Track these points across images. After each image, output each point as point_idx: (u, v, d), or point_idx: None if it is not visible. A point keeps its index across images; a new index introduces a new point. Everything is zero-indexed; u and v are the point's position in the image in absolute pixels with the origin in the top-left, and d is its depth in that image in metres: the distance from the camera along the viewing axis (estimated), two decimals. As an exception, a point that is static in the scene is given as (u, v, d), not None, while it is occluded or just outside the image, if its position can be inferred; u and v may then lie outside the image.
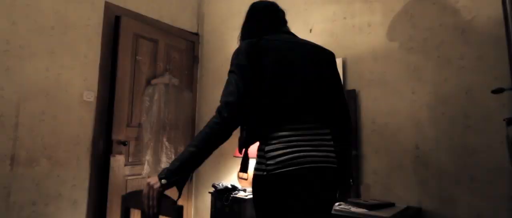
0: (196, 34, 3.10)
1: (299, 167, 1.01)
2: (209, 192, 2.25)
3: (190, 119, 2.92)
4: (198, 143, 1.03)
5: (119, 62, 2.39)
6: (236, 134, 2.56)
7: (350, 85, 2.12)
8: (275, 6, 1.30)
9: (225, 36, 2.94)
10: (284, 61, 1.11)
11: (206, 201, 2.75)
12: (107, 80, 2.38)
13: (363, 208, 1.69)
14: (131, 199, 1.23)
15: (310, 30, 2.37)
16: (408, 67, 1.92)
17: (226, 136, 1.07)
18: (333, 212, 1.62)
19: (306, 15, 2.41)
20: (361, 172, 2.01)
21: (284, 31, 1.24)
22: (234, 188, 2.15)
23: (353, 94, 2.07)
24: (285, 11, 1.33)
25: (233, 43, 2.87)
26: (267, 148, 1.05)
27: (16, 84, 1.96)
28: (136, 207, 1.21)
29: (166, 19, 2.83)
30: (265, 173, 1.04)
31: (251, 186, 1.13)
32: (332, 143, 1.12)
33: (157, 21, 2.74)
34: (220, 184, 2.18)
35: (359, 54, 2.11)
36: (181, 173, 1.01)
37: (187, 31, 3.00)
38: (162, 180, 0.99)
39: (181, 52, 2.90)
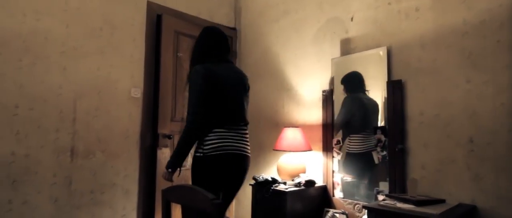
0: (234, 29, 3.12)
1: (224, 152, 1.61)
2: (250, 184, 2.29)
3: (229, 111, 2.97)
4: (183, 147, 1.64)
5: (162, 60, 2.49)
6: (274, 130, 2.56)
7: (395, 76, 2.00)
8: (223, 35, 1.80)
9: (262, 29, 2.93)
10: (226, 84, 1.67)
11: (247, 192, 2.80)
12: (152, 77, 2.50)
13: (410, 204, 1.61)
14: (170, 193, 1.29)
15: (351, 19, 2.27)
16: (462, 54, 1.77)
17: (195, 139, 1.65)
18: (378, 207, 1.63)
19: (347, 2, 2.31)
20: (407, 167, 1.91)
21: (227, 60, 1.79)
22: (274, 181, 2.17)
23: (399, 85, 1.96)
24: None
25: (271, 36, 2.85)
26: (205, 138, 1.62)
27: (72, 83, 2.13)
28: (175, 201, 1.27)
29: (204, 15, 2.88)
30: (202, 154, 1.62)
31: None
32: (248, 138, 1.75)
33: (196, 17, 2.80)
34: (261, 177, 2.21)
35: (406, 42, 1.98)
36: (176, 165, 1.66)
37: (225, 26, 3.03)
38: (169, 169, 1.65)
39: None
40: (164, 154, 2.47)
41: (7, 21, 1.90)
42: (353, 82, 2.22)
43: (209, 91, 1.61)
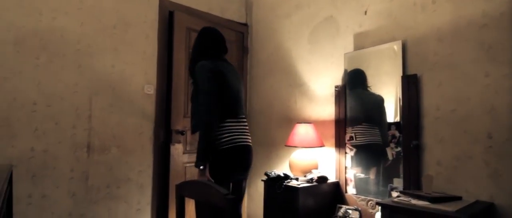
0: (245, 24, 3.11)
1: (233, 144, 1.72)
2: (262, 180, 2.29)
3: (241, 107, 2.98)
4: (204, 144, 1.68)
5: (174, 56, 2.50)
6: (286, 126, 2.54)
7: (410, 70, 1.96)
8: (219, 35, 1.89)
9: (274, 25, 2.91)
10: (227, 80, 1.75)
11: (259, 188, 2.82)
12: (165, 73, 2.52)
13: (425, 200, 1.59)
14: (184, 188, 1.31)
15: (365, 12, 2.23)
16: (481, 47, 1.71)
17: (213, 132, 1.69)
18: (392, 204, 1.62)
19: (360, -5, 2.27)
20: (422, 163, 1.88)
21: (223, 59, 1.87)
22: (286, 177, 2.17)
23: (414, 79, 1.92)
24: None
25: (282, 32, 2.82)
26: (217, 133, 1.70)
27: (88, 80, 2.17)
28: (188, 196, 1.29)
29: (216, 11, 2.88)
30: (217, 148, 1.71)
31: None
32: (248, 129, 1.88)
33: (207, 13, 2.80)
34: (273, 173, 2.21)
35: (422, 35, 1.93)
36: (205, 161, 1.69)
37: (236, 22, 3.02)
38: (200, 168, 1.69)
39: (231, 44, 2.93)
40: (177, 150, 2.50)
41: (24, 20, 1.95)
42: (354, 79, 2.27)
43: (217, 86, 1.71)
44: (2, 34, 1.88)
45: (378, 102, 2.12)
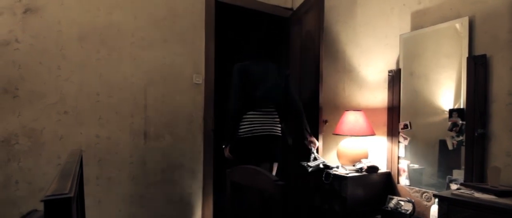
0: (291, 9, 3.02)
1: (251, 135, 2.01)
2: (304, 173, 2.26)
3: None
4: (228, 128, 2.06)
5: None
6: (334, 113, 2.46)
7: (478, 50, 1.76)
8: (258, 39, 2.22)
9: (320, 6, 2.78)
10: (253, 78, 2.05)
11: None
12: (212, 63, 2.57)
13: (490, 194, 1.45)
14: (234, 174, 1.36)
15: (423, -11, 2.03)
16: None
17: (236, 122, 2.03)
18: (451, 196, 1.51)
19: (417, -30, 2.06)
20: (488, 154, 1.71)
21: (260, 59, 2.15)
22: (326, 167, 2.11)
23: (482, 61, 1.72)
24: None
25: (330, 14, 2.69)
26: (240, 124, 2.03)
27: (142, 71, 2.30)
28: (238, 181, 1.33)
29: (261, -3, 2.83)
30: (238, 137, 2.04)
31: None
32: (278, 120, 2.12)
33: (253, 0, 2.77)
34: (311, 162, 2.15)
35: (492, 9, 1.71)
36: (227, 142, 2.09)
37: (280, 7, 2.95)
38: (223, 146, 2.10)
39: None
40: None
41: (85, 16, 2.11)
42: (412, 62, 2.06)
43: (243, 83, 2.03)
44: (68, 31, 2.05)
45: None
